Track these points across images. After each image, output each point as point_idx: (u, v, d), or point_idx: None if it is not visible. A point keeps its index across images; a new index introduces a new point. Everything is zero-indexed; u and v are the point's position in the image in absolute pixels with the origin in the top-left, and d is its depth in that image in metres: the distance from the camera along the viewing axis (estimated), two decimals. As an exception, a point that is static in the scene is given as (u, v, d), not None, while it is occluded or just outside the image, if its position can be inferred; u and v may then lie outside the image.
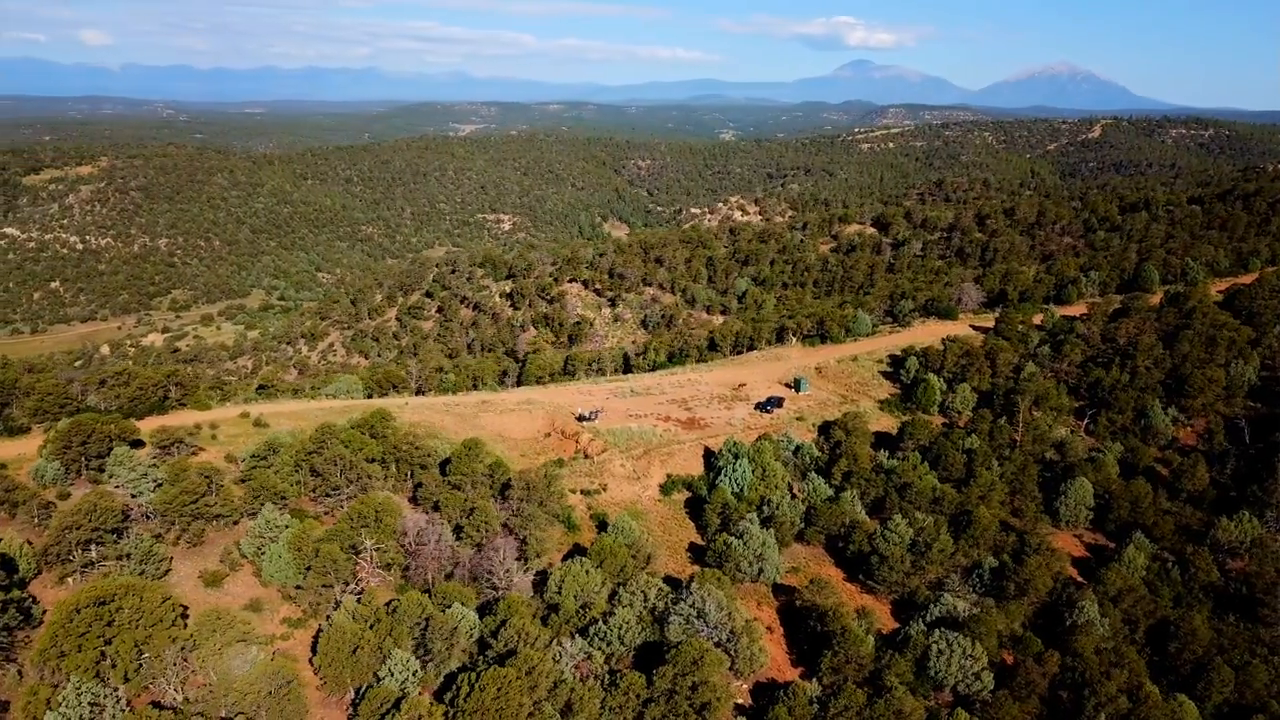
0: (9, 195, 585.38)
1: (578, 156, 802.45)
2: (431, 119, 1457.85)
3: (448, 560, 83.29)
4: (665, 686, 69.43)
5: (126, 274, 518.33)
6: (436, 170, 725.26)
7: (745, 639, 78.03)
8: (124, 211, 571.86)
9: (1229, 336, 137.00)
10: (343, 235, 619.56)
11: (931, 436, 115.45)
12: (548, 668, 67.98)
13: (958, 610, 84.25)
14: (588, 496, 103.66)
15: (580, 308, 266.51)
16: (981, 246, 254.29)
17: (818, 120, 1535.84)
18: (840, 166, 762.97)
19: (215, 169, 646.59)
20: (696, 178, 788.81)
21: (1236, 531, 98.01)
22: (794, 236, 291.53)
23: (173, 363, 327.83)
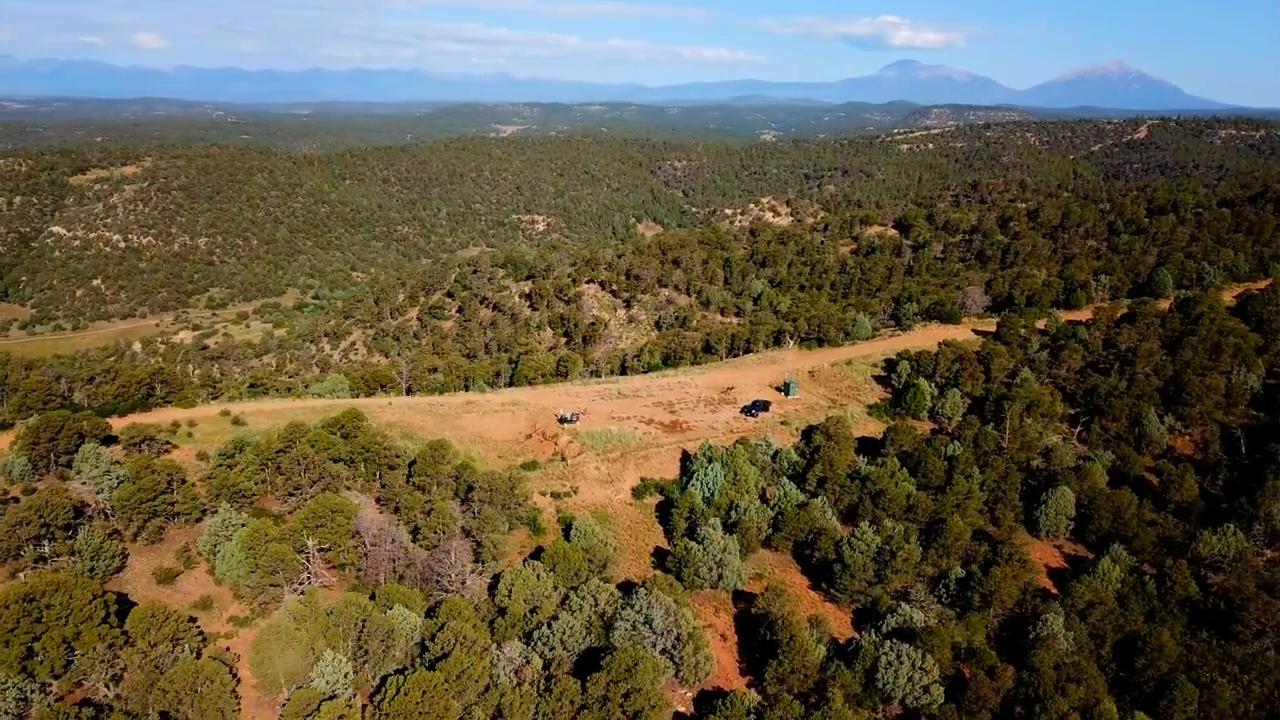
0: (56, 195, 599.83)
1: (614, 157, 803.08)
2: (474, 120, 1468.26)
3: (401, 562, 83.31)
4: (598, 693, 68.86)
5: (166, 272, 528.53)
6: (473, 171, 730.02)
7: (691, 647, 77.16)
8: (165, 211, 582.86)
9: (1234, 343, 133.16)
10: (378, 235, 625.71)
11: (915, 442, 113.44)
12: (478, 672, 67.68)
13: (914, 621, 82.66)
14: (558, 499, 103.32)
15: (596, 308, 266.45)
16: (1002, 249, 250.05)
17: (860, 121, 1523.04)
18: (878, 168, 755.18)
19: (256, 169, 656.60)
20: (732, 179, 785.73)
21: (1219, 545, 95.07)
22: (814, 238, 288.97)
23: (201, 360, 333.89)
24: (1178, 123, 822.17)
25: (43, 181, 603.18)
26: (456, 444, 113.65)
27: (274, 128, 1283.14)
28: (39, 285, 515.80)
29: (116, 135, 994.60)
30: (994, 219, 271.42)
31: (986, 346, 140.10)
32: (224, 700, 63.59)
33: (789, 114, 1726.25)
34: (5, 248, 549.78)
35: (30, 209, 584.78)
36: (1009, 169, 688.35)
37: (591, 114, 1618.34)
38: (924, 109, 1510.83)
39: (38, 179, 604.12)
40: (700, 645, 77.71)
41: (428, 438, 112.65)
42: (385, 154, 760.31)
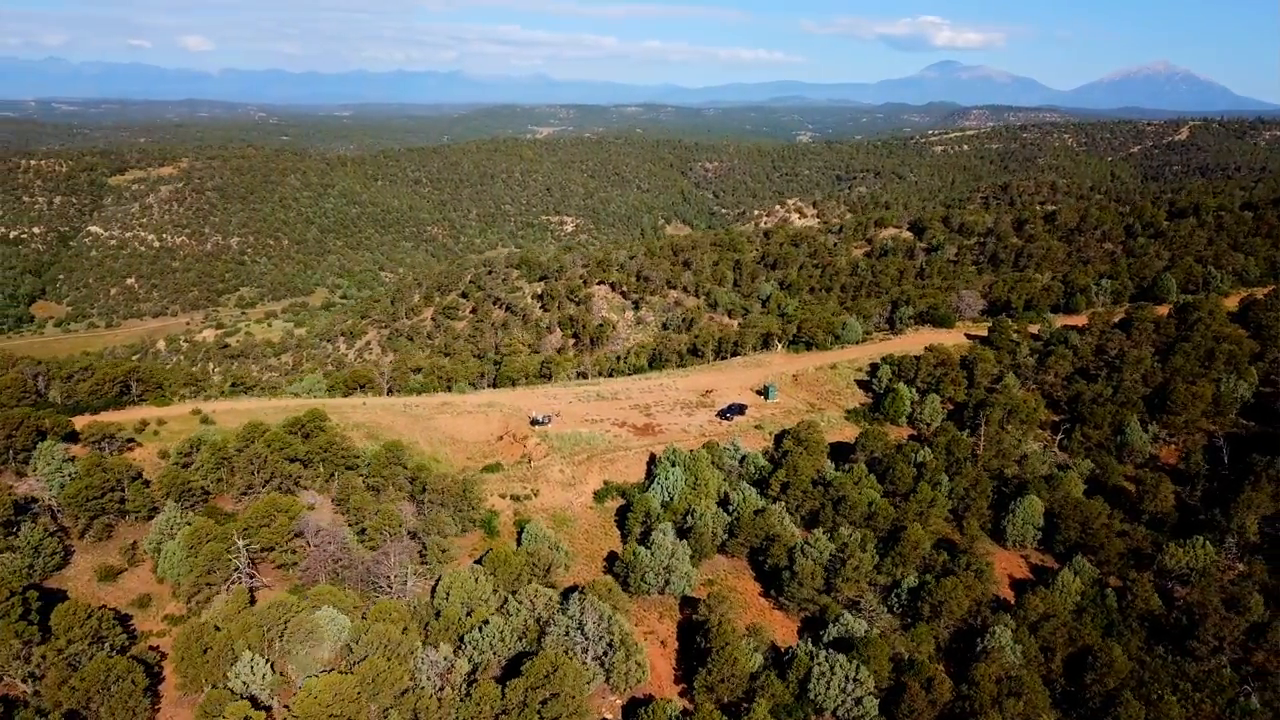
0: (95, 195, 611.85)
1: (644, 159, 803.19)
2: (511, 121, 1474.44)
3: (342, 563, 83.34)
4: (517, 698, 68.33)
5: (198, 271, 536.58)
6: (504, 172, 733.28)
7: (622, 653, 76.39)
8: (199, 211, 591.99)
9: (1228, 350, 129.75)
10: (408, 236, 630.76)
11: (886, 449, 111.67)
12: (396, 675, 67.42)
13: (855, 630, 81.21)
14: (517, 501, 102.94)
15: (606, 310, 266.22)
16: (1016, 253, 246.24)
17: (898, 122, 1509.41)
18: (911, 169, 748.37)
19: (289, 170, 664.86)
20: (764, 180, 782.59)
21: (1185, 558, 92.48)
22: (828, 240, 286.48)
23: (221, 358, 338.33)
24: (1220, 124, 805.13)
25: (82, 182, 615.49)
26: (425, 445, 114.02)
27: (314, 129, 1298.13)
28: (75, 283, 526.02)
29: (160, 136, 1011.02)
30: (1009, 222, 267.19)
31: (974, 351, 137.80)
32: (135, 699, 63.93)
33: (827, 115, 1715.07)
34: (45, 246, 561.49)
35: (70, 209, 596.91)
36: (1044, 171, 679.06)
37: (627, 115, 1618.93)
38: (963, 110, 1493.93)
39: (78, 179, 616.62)
40: (633, 652, 76.90)
41: (394, 439, 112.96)
42: (418, 155, 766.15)
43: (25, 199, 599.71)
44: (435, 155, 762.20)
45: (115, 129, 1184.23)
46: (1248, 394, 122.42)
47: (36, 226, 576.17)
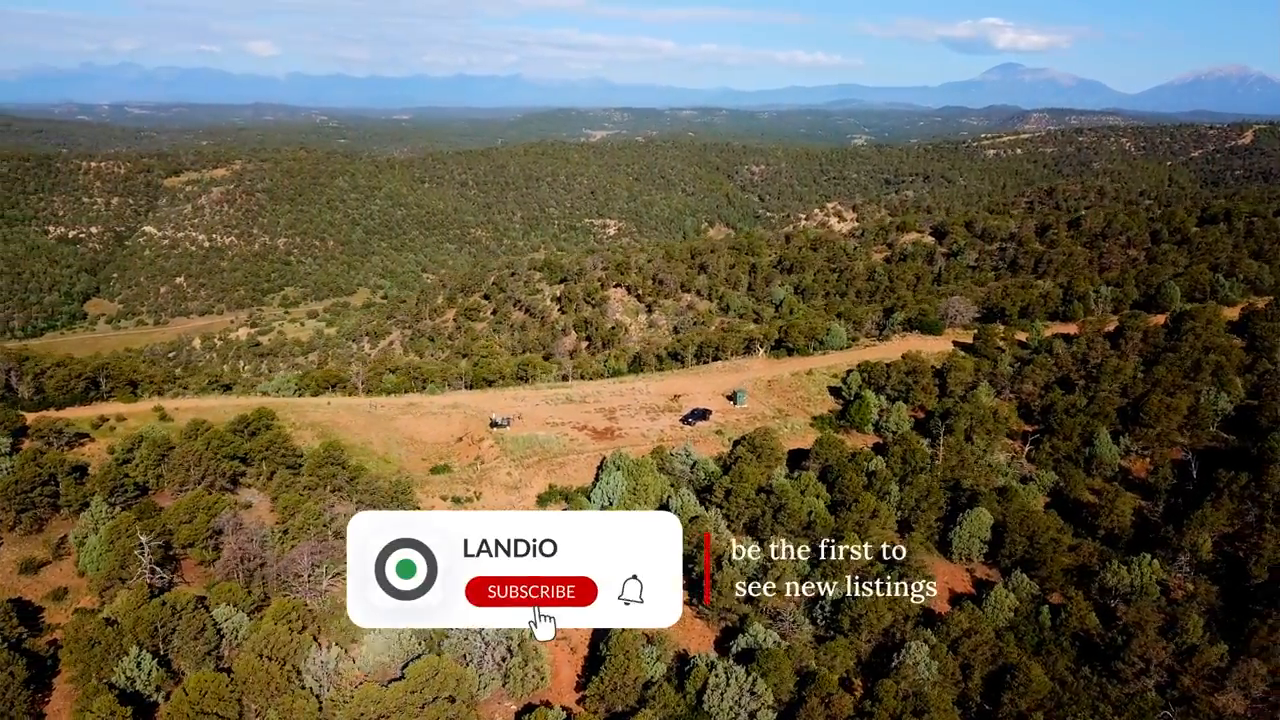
0: (151, 196, 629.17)
1: (690, 162, 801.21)
2: (566, 124, 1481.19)
3: (257, 560, 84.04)
4: (397, 701, 68.23)
5: (245, 271, 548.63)
6: (549, 175, 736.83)
7: (520, 658, 75.95)
8: (249, 212, 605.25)
9: (1215, 361, 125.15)
10: (452, 238, 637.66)
11: (840, 456, 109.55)
12: (270, 675, 67.75)
13: (763, 641, 79.71)
14: (458, 504, 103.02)
15: (620, 312, 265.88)
16: (1036, 258, 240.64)
17: (957, 125, 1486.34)
18: (960, 173, 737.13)
19: (338, 172, 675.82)
20: (811, 183, 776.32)
21: (1129, 576, 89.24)
22: (849, 244, 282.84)
23: (251, 356, 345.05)
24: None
25: (139, 183, 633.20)
26: (379, 445, 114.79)
27: (372, 132, 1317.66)
28: (127, 282, 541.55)
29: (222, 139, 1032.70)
30: (1032, 227, 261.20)
31: (952, 359, 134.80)
32: (14, 690, 65.06)
33: (884, 119, 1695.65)
34: (101, 246, 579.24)
35: (126, 209, 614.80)
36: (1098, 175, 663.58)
37: (682, 119, 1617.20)
38: (1023, 113, 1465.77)
39: (135, 181, 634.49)
40: (531, 657, 76.43)
41: (349, 439, 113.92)
42: (465, 158, 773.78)
43: (85, 199, 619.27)
44: (482, 158, 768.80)
45: (181, 132, 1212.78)
46: (1228, 407, 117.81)
47: (94, 226, 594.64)
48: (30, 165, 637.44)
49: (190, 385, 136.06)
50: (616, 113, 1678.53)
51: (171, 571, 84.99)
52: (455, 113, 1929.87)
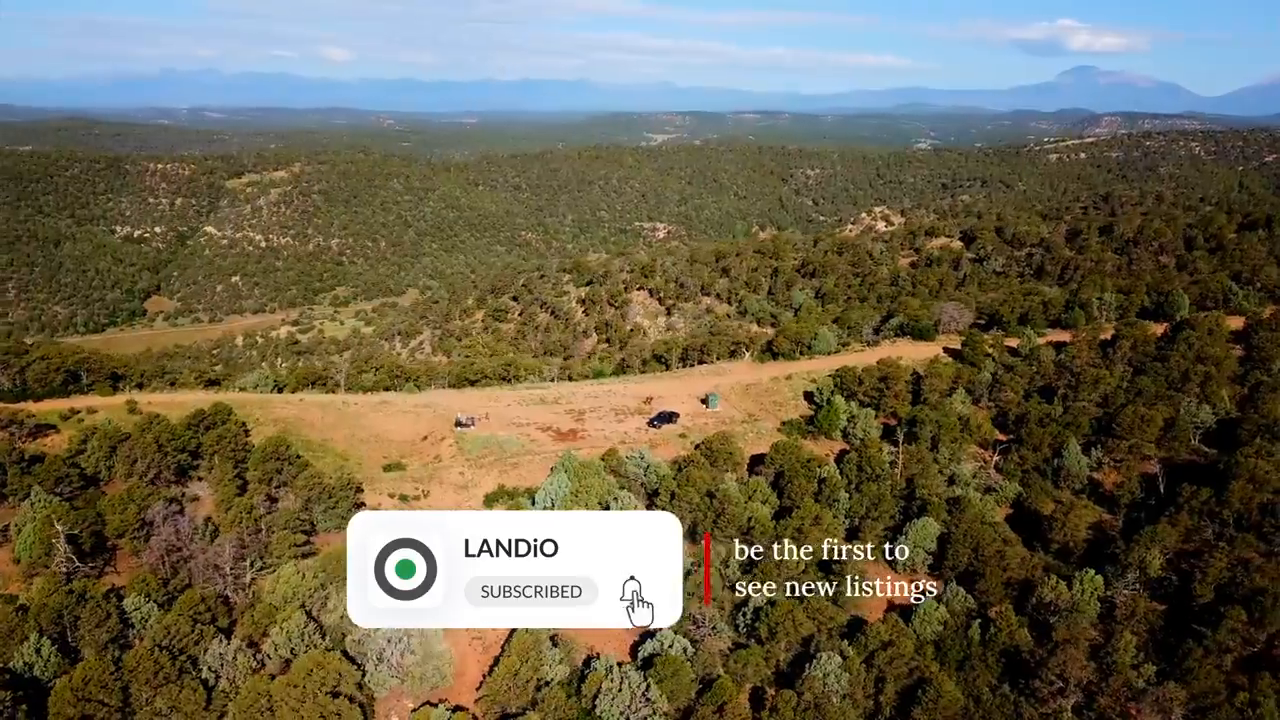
0: (213, 197, 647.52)
1: (744, 165, 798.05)
2: (628, 128, 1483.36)
3: (182, 553, 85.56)
4: (280, 693, 68.89)
5: (298, 271, 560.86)
6: (601, 179, 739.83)
7: (420, 655, 76.14)
8: (304, 213, 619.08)
9: (1203, 372, 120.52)
10: (502, 240, 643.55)
11: (795, 462, 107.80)
12: (159, 664, 68.91)
13: (669, 648, 78.71)
14: (404, 502, 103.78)
15: (641, 315, 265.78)
16: (1063, 265, 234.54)
17: (1025, 129, 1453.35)
18: (1020, 178, 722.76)
19: (393, 174, 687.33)
20: (866, 187, 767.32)
21: (1067, 592, 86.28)
22: (876, 249, 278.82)
23: (289, 354, 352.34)
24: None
25: (202, 185, 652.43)
26: (341, 442, 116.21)
27: (436, 136, 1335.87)
28: (186, 280, 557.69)
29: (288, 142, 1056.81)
30: (1062, 232, 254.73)
31: (933, 366, 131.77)
32: (-89, 671, 67.11)
33: (951, 122, 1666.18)
34: (164, 245, 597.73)
35: (189, 210, 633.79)
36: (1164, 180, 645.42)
37: (745, 122, 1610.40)
38: (1095, 117, 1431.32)
39: (198, 182, 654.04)
40: (431, 656, 76.54)
41: (311, 435, 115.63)
42: (520, 161, 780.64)
43: (151, 200, 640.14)
44: (536, 161, 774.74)
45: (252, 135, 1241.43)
46: (1210, 419, 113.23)
47: (159, 226, 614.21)
48: (101, 167, 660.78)
49: (180, 380, 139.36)
50: (678, 116, 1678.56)
51: (105, 561, 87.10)
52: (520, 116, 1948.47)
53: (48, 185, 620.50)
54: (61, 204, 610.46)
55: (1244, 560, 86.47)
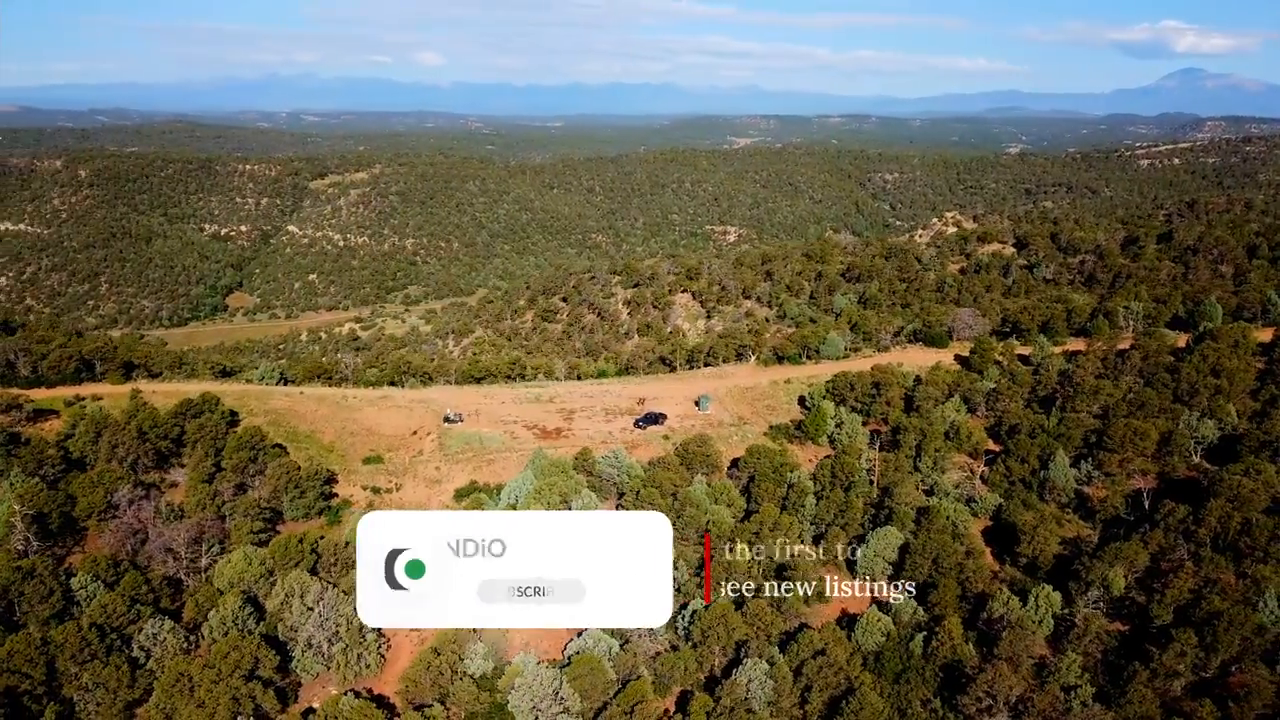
0: (297, 197, 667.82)
1: (820, 169, 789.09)
2: (711, 132, 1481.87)
3: (140, 535, 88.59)
4: (197, 674, 70.87)
5: (372, 270, 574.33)
6: (674, 182, 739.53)
7: (343, 644, 77.48)
8: (382, 213, 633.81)
9: (1212, 385, 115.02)
10: (573, 243, 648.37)
11: (768, 466, 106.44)
12: (88, 640, 71.51)
13: (589, 647, 78.50)
14: (375, 494, 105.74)
15: (682, 318, 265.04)
16: (1116, 272, 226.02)
17: (1122, 134, 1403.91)
18: (1107, 184, 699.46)
19: (470, 176, 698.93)
20: (945, 192, 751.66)
21: (1019, 608, 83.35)
22: (927, 253, 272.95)
23: (349, 349, 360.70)
24: None
25: (287, 185, 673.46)
26: (329, 435, 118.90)
27: (521, 139, 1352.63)
28: (266, 278, 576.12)
29: (377, 144, 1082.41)
30: (1118, 239, 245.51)
31: (933, 373, 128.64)
32: None
33: (1045, 127, 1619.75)
34: (249, 244, 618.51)
35: (273, 209, 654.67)
36: (1264, 187, 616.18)
37: (830, 126, 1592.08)
38: (1198, 121, 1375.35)
39: (283, 182, 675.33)
40: (356, 645, 77.80)
41: (300, 426, 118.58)
42: (595, 164, 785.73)
43: (238, 199, 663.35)
44: (611, 165, 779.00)
45: (343, 138, 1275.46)
46: (1213, 434, 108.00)
47: (244, 225, 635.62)
48: (194, 168, 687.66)
49: (198, 370, 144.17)
50: (763, 120, 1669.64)
51: (75, 541, 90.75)
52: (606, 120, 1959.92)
53: (143, 185, 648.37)
54: (155, 202, 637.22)
55: (1212, 581, 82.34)
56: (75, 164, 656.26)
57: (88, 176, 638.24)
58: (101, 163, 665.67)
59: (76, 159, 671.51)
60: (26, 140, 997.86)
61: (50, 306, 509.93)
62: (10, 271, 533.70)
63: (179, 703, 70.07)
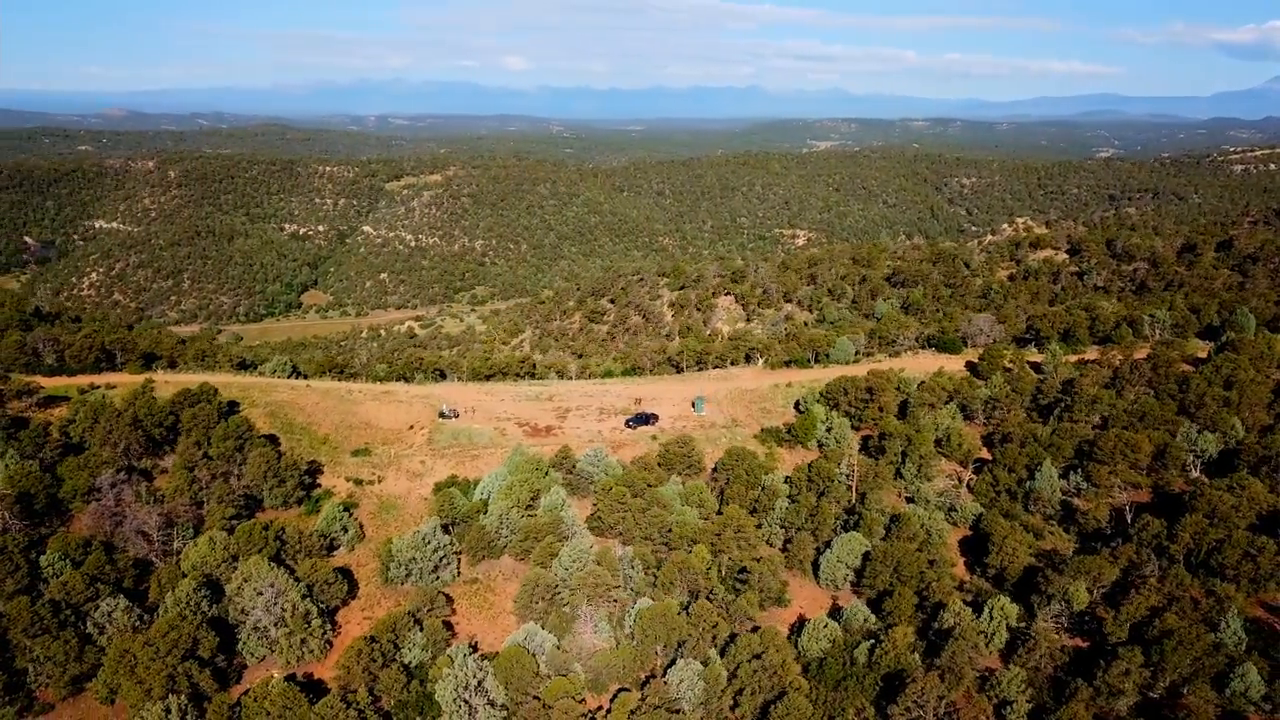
0: (373, 198, 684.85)
1: (895, 173, 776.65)
2: (791, 135, 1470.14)
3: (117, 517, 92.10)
4: (138, 650, 73.50)
5: (441, 270, 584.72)
6: (744, 185, 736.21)
7: (287, 630, 79.46)
8: (453, 215, 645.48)
9: (1222, 397, 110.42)
10: (640, 245, 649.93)
11: (742, 469, 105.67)
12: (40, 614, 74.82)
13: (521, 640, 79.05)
14: (358, 485, 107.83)
15: (723, 320, 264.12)
16: (1168, 280, 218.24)
17: (1223, 139, 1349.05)
18: (1196, 190, 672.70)
19: (541, 179, 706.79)
20: (1025, 198, 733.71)
21: (972, 620, 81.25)
22: (976, 259, 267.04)
23: (405, 346, 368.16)
24: None
25: (364, 187, 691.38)
26: (325, 427, 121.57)
27: (601, 143, 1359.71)
28: (340, 276, 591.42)
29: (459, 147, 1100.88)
30: (1175, 247, 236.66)
31: (935, 379, 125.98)
32: None
33: (1140, 131, 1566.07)
34: (325, 243, 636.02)
35: (350, 210, 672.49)
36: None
37: (913, 130, 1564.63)
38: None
39: (360, 184, 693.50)
40: (297, 629, 79.70)
41: (298, 418, 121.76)
42: (665, 168, 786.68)
43: (317, 200, 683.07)
44: (682, 168, 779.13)
45: (427, 141, 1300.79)
46: (1213, 447, 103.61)
47: (321, 225, 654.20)
48: (276, 169, 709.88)
49: (219, 362, 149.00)
50: (844, 123, 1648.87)
51: (61, 522, 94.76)
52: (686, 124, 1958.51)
53: (228, 185, 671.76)
54: (239, 202, 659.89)
55: (1175, 599, 79.11)
56: (166, 165, 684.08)
57: (177, 177, 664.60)
58: (190, 164, 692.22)
59: (168, 160, 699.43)
60: (129, 142, 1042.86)
61: (136, 301, 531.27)
62: (101, 267, 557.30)
63: (122, 679, 72.86)
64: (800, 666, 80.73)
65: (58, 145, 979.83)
